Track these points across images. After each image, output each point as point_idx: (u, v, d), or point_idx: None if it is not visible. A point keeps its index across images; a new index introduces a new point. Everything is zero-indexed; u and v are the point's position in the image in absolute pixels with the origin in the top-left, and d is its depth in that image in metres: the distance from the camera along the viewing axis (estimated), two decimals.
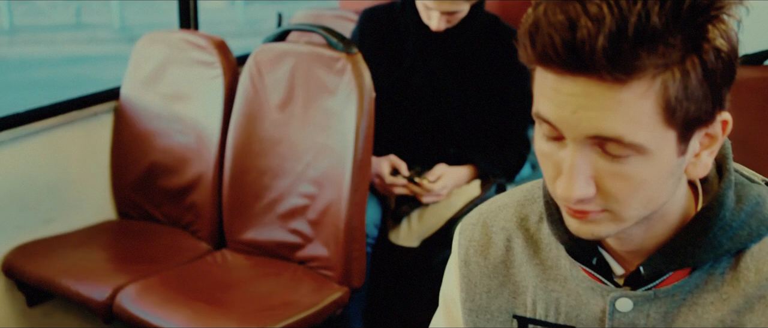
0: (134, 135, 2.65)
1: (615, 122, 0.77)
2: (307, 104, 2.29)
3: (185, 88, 2.56)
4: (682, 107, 0.78)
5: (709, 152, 0.86)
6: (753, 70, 1.94)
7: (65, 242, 2.50)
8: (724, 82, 0.80)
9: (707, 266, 0.90)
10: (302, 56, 2.31)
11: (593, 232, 0.85)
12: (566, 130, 0.80)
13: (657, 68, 0.76)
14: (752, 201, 0.89)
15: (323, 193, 2.26)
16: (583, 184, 0.80)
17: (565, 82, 0.78)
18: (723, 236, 0.88)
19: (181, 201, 2.57)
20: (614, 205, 0.82)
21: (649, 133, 0.78)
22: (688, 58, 0.77)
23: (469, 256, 1.04)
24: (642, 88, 0.76)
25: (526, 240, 1.01)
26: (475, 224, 1.05)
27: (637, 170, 0.80)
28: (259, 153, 2.37)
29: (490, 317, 1.02)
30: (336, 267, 2.23)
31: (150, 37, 2.69)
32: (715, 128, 0.84)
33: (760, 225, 0.89)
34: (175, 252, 2.46)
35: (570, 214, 0.85)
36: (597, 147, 0.80)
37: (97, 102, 2.66)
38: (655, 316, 0.91)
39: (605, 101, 0.77)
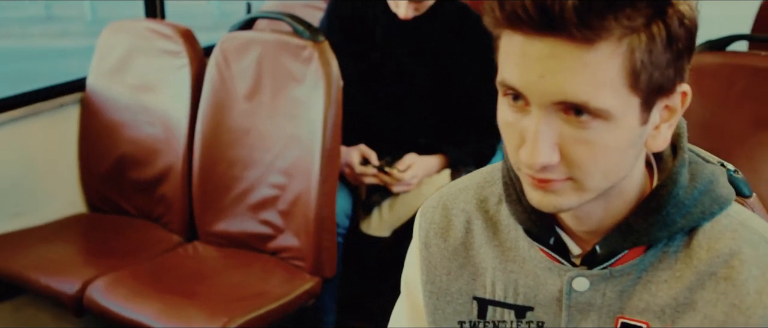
0: (102, 126, 2.62)
1: (581, 86, 0.77)
2: (275, 93, 2.28)
3: (152, 79, 2.54)
4: (646, 72, 0.79)
5: (669, 125, 0.86)
6: (716, 56, 1.96)
7: (34, 236, 2.47)
8: (686, 51, 0.81)
9: (661, 245, 0.91)
10: (269, 45, 2.29)
11: (555, 204, 0.85)
12: (532, 95, 0.80)
13: (624, 30, 0.77)
14: (705, 180, 0.90)
15: (293, 183, 2.25)
16: (548, 150, 0.81)
17: (533, 45, 0.78)
18: (676, 214, 0.89)
19: (151, 193, 2.55)
20: (578, 173, 0.82)
21: (614, 98, 0.79)
22: (654, 22, 0.78)
23: (430, 238, 1.05)
24: (609, 51, 0.77)
25: (486, 222, 1.01)
26: (436, 206, 1.06)
27: (601, 136, 0.80)
28: (228, 144, 2.36)
29: (450, 299, 1.03)
30: (307, 257, 2.23)
31: (115, 27, 2.66)
32: (675, 100, 0.85)
33: (712, 203, 0.90)
34: (147, 245, 2.44)
35: (533, 184, 0.85)
36: (562, 113, 0.80)
37: (63, 93, 2.63)
38: (611, 295, 0.92)
39: (572, 63, 0.77)
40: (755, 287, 0.87)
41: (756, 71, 1.97)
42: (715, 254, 0.89)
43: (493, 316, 0.99)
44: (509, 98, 0.83)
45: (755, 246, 0.89)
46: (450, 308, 1.03)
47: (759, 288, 0.87)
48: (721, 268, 0.88)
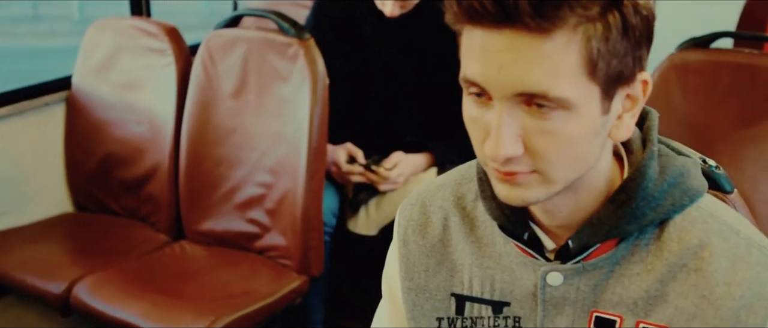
0: (88, 125, 2.61)
1: (540, 76, 0.78)
2: (261, 91, 2.27)
3: (137, 77, 2.53)
4: (604, 60, 0.80)
5: (632, 115, 0.87)
6: (700, 53, 1.97)
7: (20, 236, 2.46)
8: (644, 40, 0.82)
9: (633, 238, 0.91)
10: (254, 42, 2.29)
11: (522, 196, 0.86)
12: (492, 88, 0.81)
13: (579, 18, 0.78)
14: (675, 172, 0.91)
15: (279, 182, 2.25)
16: (511, 142, 0.81)
17: (492, 38, 0.79)
18: (646, 206, 0.89)
19: (138, 192, 2.54)
20: (542, 164, 0.83)
21: (573, 86, 0.79)
22: (609, 11, 0.79)
23: (408, 235, 1.05)
24: (565, 40, 0.78)
25: (463, 218, 1.02)
26: (414, 204, 1.06)
27: (563, 126, 0.81)
28: (214, 142, 2.35)
29: (428, 296, 1.03)
30: (294, 256, 2.23)
31: (100, 25, 2.65)
32: (636, 89, 0.85)
33: (683, 195, 0.90)
34: (133, 244, 2.43)
35: (500, 178, 0.86)
36: (523, 105, 0.81)
37: (48, 92, 2.62)
38: (585, 289, 0.93)
39: (530, 54, 0.78)
40: (724, 278, 0.87)
41: (740, 68, 1.99)
42: (686, 245, 0.89)
43: (471, 312, 1.00)
44: (473, 95, 0.84)
45: (725, 238, 0.89)
46: (428, 304, 1.03)
47: (728, 279, 0.87)
48: (691, 260, 0.89)
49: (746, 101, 1.97)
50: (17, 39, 8.54)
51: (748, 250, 0.88)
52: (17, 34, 8.73)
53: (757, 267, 0.87)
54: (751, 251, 0.88)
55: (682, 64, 2.00)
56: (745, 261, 0.88)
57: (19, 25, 9.01)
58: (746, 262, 0.88)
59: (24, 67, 7.10)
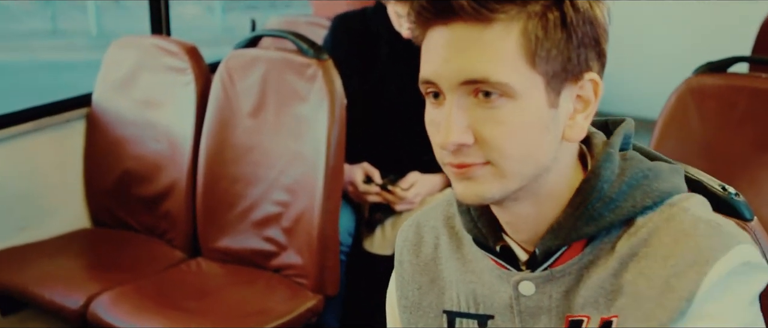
0: (107, 142, 2.64)
1: (482, 63, 0.83)
2: (279, 111, 2.29)
3: (157, 95, 2.56)
4: (543, 49, 0.84)
5: (585, 116, 0.90)
6: (717, 78, 1.97)
7: (39, 250, 2.48)
8: (588, 41, 0.87)
9: (598, 241, 0.92)
10: (273, 62, 2.31)
11: (478, 192, 0.88)
12: (441, 81, 0.86)
13: (518, 6, 0.83)
14: (637, 174, 0.91)
15: (296, 200, 2.26)
16: (460, 131, 0.85)
17: (441, 33, 0.85)
18: (603, 208, 0.90)
19: (155, 209, 2.56)
20: (493, 154, 0.86)
21: (514, 72, 0.84)
22: (548, 9, 0.84)
23: (403, 255, 1.08)
24: (503, 28, 0.83)
25: (451, 237, 1.04)
26: (411, 225, 1.09)
27: (508, 114, 0.85)
28: (232, 160, 2.37)
29: (422, 314, 1.05)
30: (310, 275, 2.24)
31: (121, 43, 2.68)
32: (587, 91, 0.89)
33: (644, 197, 0.90)
34: (150, 260, 2.45)
35: (455, 173, 0.88)
36: (472, 96, 0.85)
37: (69, 108, 2.65)
38: (557, 296, 0.94)
39: (472, 44, 0.84)
40: (664, 253, 0.88)
41: (757, 93, 1.99)
42: (638, 238, 0.90)
43: (461, 327, 1.02)
44: (430, 97, 0.89)
45: (672, 219, 0.89)
46: (422, 322, 1.05)
47: (667, 253, 0.87)
48: (641, 248, 0.89)
49: (764, 126, 1.97)
50: (36, 53, 8.61)
51: (694, 224, 0.88)
52: (36, 48, 8.81)
53: (699, 238, 0.87)
54: (698, 225, 0.88)
55: (699, 89, 2.01)
56: (687, 235, 0.87)
57: (37, 39, 9.10)
58: (689, 235, 0.87)
59: (43, 80, 7.17)
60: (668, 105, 2.04)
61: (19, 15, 9.72)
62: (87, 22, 9.45)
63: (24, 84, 7.05)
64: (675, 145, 2.01)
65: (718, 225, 0.88)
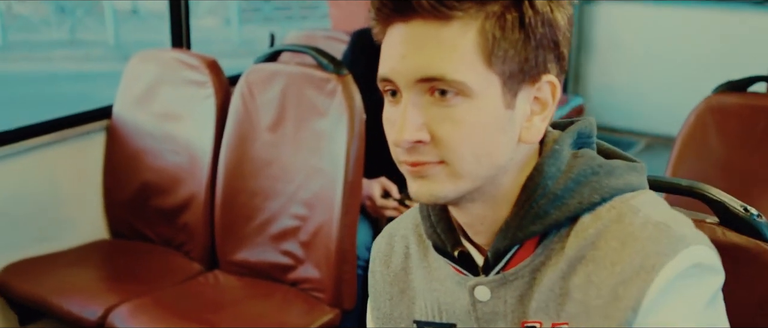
0: (126, 154, 2.66)
1: (438, 60, 0.83)
2: (298, 125, 2.30)
3: (177, 108, 2.57)
4: (500, 49, 0.84)
5: (542, 118, 0.90)
6: (737, 97, 1.97)
7: (58, 261, 2.50)
8: (547, 44, 0.87)
9: (548, 241, 0.90)
10: (293, 77, 2.32)
11: (431, 191, 0.87)
12: (397, 78, 0.86)
13: (477, 5, 0.83)
14: (586, 170, 0.90)
15: (314, 214, 2.27)
16: (415, 128, 0.85)
17: (399, 30, 0.85)
18: (548, 205, 0.89)
19: (173, 221, 2.57)
20: (448, 153, 0.85)
21: (470, 71, 0.84)
22: (507, 9, 0.84)
23: (375, 266, 1.08)
24: (461, 26, 0.83)
25: (419, 244, 1.03)
26: (383, 235, 1.09)
27: (464, 113, 0.84)
28: (251, 174, 2.38)
29: (394, 325, 1.05)
30: (327, 289, 2.24)
31: (142, 56, 2.70)
32: (544, 92, 0.89)
33: (592, 193, 0.89)
34: (168, 272, 2.46)
35: (410, 172, 0.88)
36: (428, 95, 0.85)
37: (89, 120, 2.67)
38: (511, 300, 0.92)
39: (429, 41, 0.84)
40: (612, 258, 0.85)
41: None
42: (585, 237, 0.88)
43: None
44: (388, 95, 0.89)
45: (620, 220, 0.87)
46: None
47: (615, 259, 0.85)
48: (588, 251, 0.87)
49: None
50: (54, 63, 8.68)
51: (643, 227, 0.86)
52: (54, 59, 8.88)
53: (646, 242, 0.84)
54: (646, 227, 0.85)
55: (719, 107, 2.00)
56: (635, 238, 0.85)
57: (56, 50, 9.17)
58: (636, 239, 0.85)
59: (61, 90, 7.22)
60: (687, 123, 2.04)
61: (37, 25, 9.82)
62: (105, 32, 9.52)
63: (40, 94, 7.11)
64: (694, 164, 2.01)
65: (667, 227, 0.85)
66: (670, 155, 2.03)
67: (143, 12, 10.25)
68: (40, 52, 9.09)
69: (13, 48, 9.40)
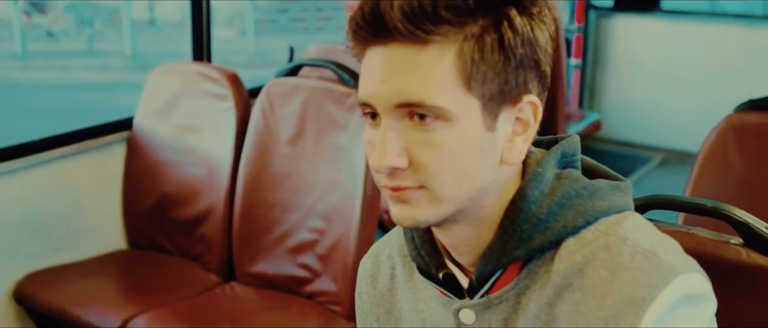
0: (146, 165, 2.67)
1: (417, 85, 0.82)
2: (318, 139, 2.31)
3: (197, 120, 2.59)
4: (479, 71, 0.83)
5: (524, 139, 0.88)
6: (759, 115, 1.96)
7: (76, 271, 2.52)
8: (527, 63, 0.85)
9: (533, 265, 0.89)
10: (313, 91, 2.34)
11: (413, 216, 0.86)
12: (376, 102, 0.84)
13: (455, 28, 0.82)
14: (569, 193, 0.88)
15: (332, 228, 2.28)
16: (394, 153, 0.83)
17: (377, 53, 0.84)
18: (532, 229, 0.87)
19: (191, 233, 2.59)
20: (428, 178, 0.84)
21: (449, 96, 0.82)
22: (486, 31, 0.83)
23: (362, 287, 1.07)
24: (440, 49, 0.82)
25: (405, 265, 1.03)
26: (369, 256, 1.08)
27: (444, 138, 0.83)
28: (270, 187, 2.39)
29: None
30: (344, 302, 2.24)
31: (163, 69, 2.72)
32: (526, 113, 0.87)
33: (576, 216, 0.87)
34: (185, 284, 2.47)
35: (391, 197, 0.87)
36: (407, 119, 0.84)
37: (110, 132, 2.69)
38: (496, 324, 0.92)
39: (407, 66, 0.82)
40: (601, 289, 0.84)
41: None
42: (571, 264, 0.86)
43: None
44: (368, 118, 0.87)
45: (609, 248, 0.85)
46: None
47: (604, 290, 0.84)
48: (576, 278, 0.86)
49: None
50: (71, 72, 8.74)
51: (631, 257, 0.84)
52: (71, 68, 8.94)
53: (635, 272, 0.83)
54: (635, 257, 0.84)
55: (741, 126, 1.99)
56: (624, 268, 0.83)
57: (73, 59, 9.24)
58: (625, 269, 0.83)
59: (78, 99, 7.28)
60: (708, 141, 2.03)
61: (57, 35, 9.90)
62: (122, 43, 9.58)
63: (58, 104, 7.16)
64: (714, 183, 2.00)
65: (656, 257, 0.83)
66: (690, 174, 2.02)
67: (160, 22, 10.32)
68: (58, 61, 9.16)
69: (32, 57, 9.48)
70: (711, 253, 1.10)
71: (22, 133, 2.53)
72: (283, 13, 10.86)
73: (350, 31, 0.86)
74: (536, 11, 0.85)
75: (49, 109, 6.77)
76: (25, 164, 2.47)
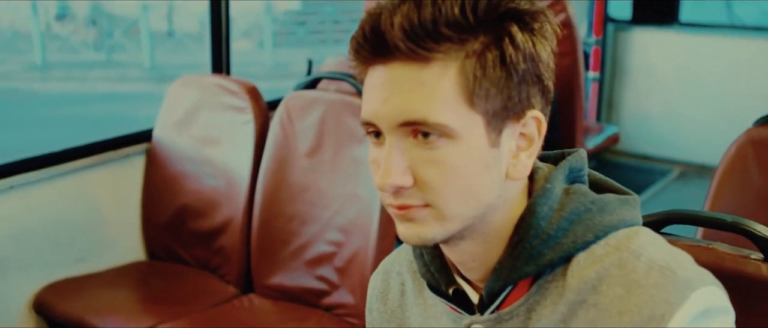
0: (165, 177, 2.69)
1: (419, 104, 0.82)
2: (336, 152, 2.32)
3: (216, 133, 2.61)
4: (482, 88, 0.83)
5: (529, 154, 0.88)
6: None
7: (96, 281, 2.53)
8: (530, 79, 0.85)
9: (543, 280, 0.89)
10: (332, 104, 2.35)
11: (419, 234, 0.86)
12: (380, 121, 0.84)
13: (456, 45, 0.82)
14: (578, 208, 0.89)
15: (350, 240, 2.28)
16: (399, 172, 0.83)
17: (379, 73, 0.84)
18: (542, 245, 0.87)
19: (210, 244, 2.60)
20: (433, 196, 0.84)
21: (452, 113, 0.82)
22: (487, 48, 0.83)
23: (372, 304, 1.08)
24: (441, 67, 0.82)
25: (414, 281, 1.03)
26: (379, 272, 1.09)
27: (448, 155, 0.83)
28: (288, 199, 2.41)
29: None
30: (361, 315, 2.25)
31: (183, 81, 2.75)
32: (530, 128, 0.87)
33: (586, 232, 0.88)
34: (204, 295, 2.48)
35: (397, 215, 0.87)
36: (411, 137, 0.84)
37: (130, 143, 2.72)
38: None
39: (409, 84, 0.82)
40: (618, 307, 0.84)
41: None
42: (584, 280, 0.86)
43: None
44: (372, 137, 0.87)
45: (623, 265, 0.85)
46: None
47: (622, 308, 0.83)
48: (590, 295, 0.86)
49: None
50: (90, 84, 8.82)
51: (647, 273, 0.83)
52: (90, 79, 9.01)
53: (652, 289, 0.82)
54: (650, 273, 0.83)
55: (760, 140, 1.99)
56: (640, 286, 0.83)
57: (92, 70, 9.32)
58: (642, 286, 0.83)
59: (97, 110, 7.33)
60: (727, 156, 2.02)
61: (77, 46, 9.99)
62: (140, 54, 9.65)
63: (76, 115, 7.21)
64: (733, 197, 1.99)
65: (672, 272, 0.83)
66: (709, 188, 2.01)
67: (179, 34, 10.39)
68: (77, 72, 9.24)
69: (51, 68, 9.56)
70: (731, 268, 1.10)
71: (41, 145, 2.56)
72: (300, 25, 10.91)
73: (352, 50, 0.86)
74: (538, 27, 0.85)
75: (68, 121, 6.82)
76: (45, 176, 2.49)
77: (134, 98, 7.43)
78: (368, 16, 0.84)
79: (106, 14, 10.66)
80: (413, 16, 0.81)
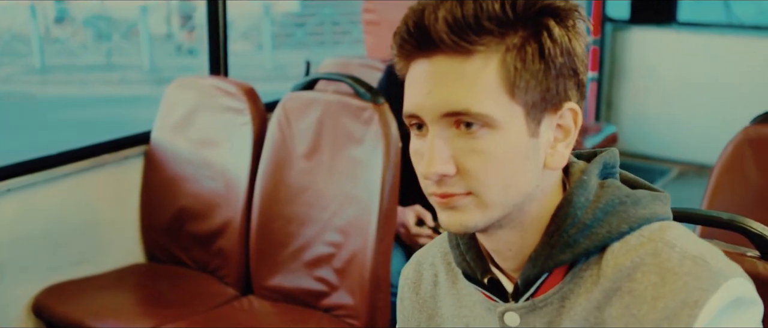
0: (164, 179, 2.69)
1: (462, 95, 0.85)
2: (334, 153, 2.32)
3: (214, 134, 2.61)
4: (522, 80, 0.86)
5: (566, 145, 0.92)
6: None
7: (95, 284, 2.53)
8: (566, 72, 0.89)
9: (577, 269, 0.92)
10: (330, 105, 2.35)
11: (461, 221, 0.89)
12: (423, 113, 0.88)
13: (497, 38, 0.86)
14: (613, 200, 0.92)
15: (349, 241, 2.28)
16: (442, 161, 0.87)
17: (422, 66, 0.87)
18: (578, 234, 0.90)
19: (209, 246, 2.60)
20: (475, 184, 0.87)
21: (494, 104, 0.86)
22: (527, 41, 0.87)
23: (404, 293, 1.10)
24: (483, 60, 0.86)
25: (448, 272, 1.05)
26: (411, 263, 1.11)
27: (490, 145, 0.86)
28: (286, 201, 2.41)
29: None
30: (361, 316, 2.25)
31: (180, 83, 2.75)
32: (566, 120, 0.91)
33: (621, 223, 0.91)
34: (203, 297, 2.48)
35: (439, 203, 0.90)
36: (453, 127, 0.87)
37: (128, 146, 2.71)
38: (541, 326, 0.94)
39: (452, 76, 0.86)
40: (652, 293, 0.86)
41: None
42: (619, 269, 0.89)
43: None
44: (414, 129, 0.91)
45: (657, 254, 0.88)
46: None
47: (656, 294, 0.86)
48: (624, 282, 0.88)
49: None
50: (90, 87, 8.82)
51: (681, 262, 0.87)
52: (90, 82, 9.02)
53: (686, 277, 0.85)
54: (684, 262, 0.86)
55: (757, 138, 1.99)
56: (674, 273, 0.86)
57: (92, 73, 9.32)
58: (676, 274, 0.86)
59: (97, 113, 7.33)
60: (724, 154, 2.03)
61: (77, 50, 9.99)
62: (140, 57, 9.66)
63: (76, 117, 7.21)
64: (731, 195, 1.99)
65: (705, 262, 0.86)
66: (707, 186, 2.02)
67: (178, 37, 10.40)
68: (77, 76, 9.24)
69: (51, 71, 9.57)
70: None
71: (40, 149, 2.56)
72: (299, 27, 10.92)
73: (396, 45, 0.89)
74: (571, 24, 0.89)
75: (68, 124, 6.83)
76: (43, 178, 2.49)
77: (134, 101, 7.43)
78: (411, 12, 0.87)
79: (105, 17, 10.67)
80: (456, 11, 0.84)
